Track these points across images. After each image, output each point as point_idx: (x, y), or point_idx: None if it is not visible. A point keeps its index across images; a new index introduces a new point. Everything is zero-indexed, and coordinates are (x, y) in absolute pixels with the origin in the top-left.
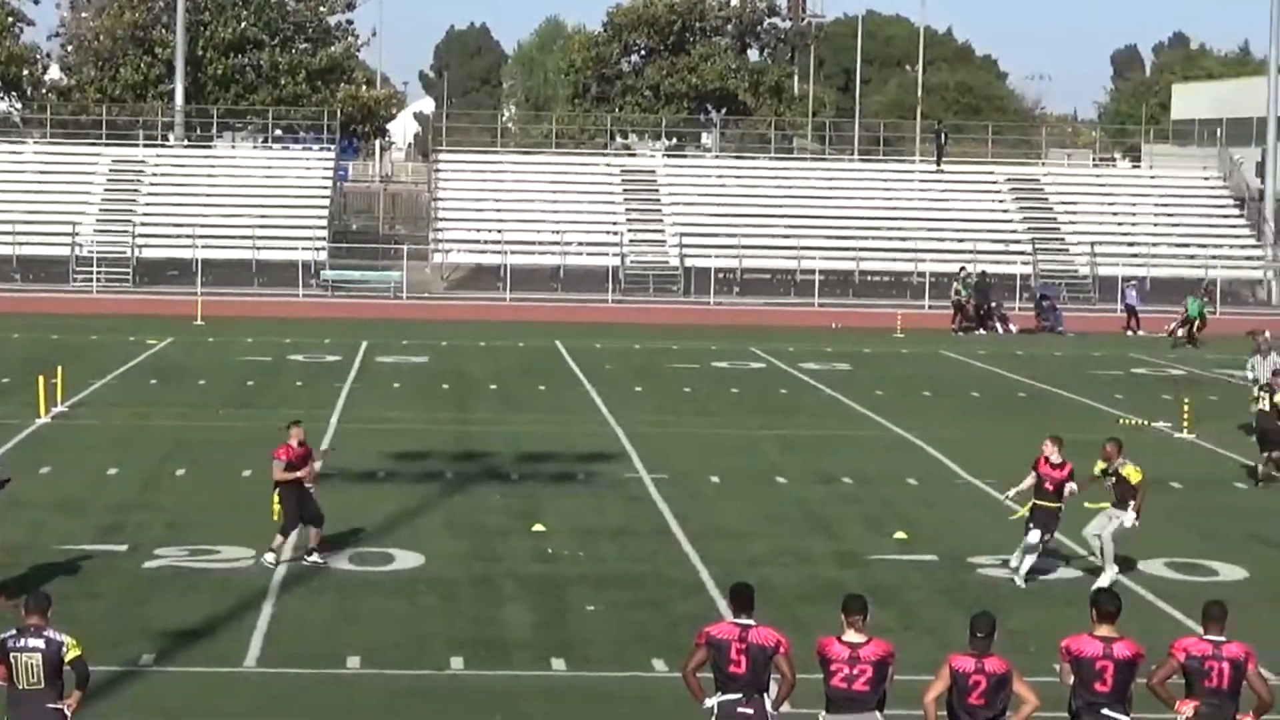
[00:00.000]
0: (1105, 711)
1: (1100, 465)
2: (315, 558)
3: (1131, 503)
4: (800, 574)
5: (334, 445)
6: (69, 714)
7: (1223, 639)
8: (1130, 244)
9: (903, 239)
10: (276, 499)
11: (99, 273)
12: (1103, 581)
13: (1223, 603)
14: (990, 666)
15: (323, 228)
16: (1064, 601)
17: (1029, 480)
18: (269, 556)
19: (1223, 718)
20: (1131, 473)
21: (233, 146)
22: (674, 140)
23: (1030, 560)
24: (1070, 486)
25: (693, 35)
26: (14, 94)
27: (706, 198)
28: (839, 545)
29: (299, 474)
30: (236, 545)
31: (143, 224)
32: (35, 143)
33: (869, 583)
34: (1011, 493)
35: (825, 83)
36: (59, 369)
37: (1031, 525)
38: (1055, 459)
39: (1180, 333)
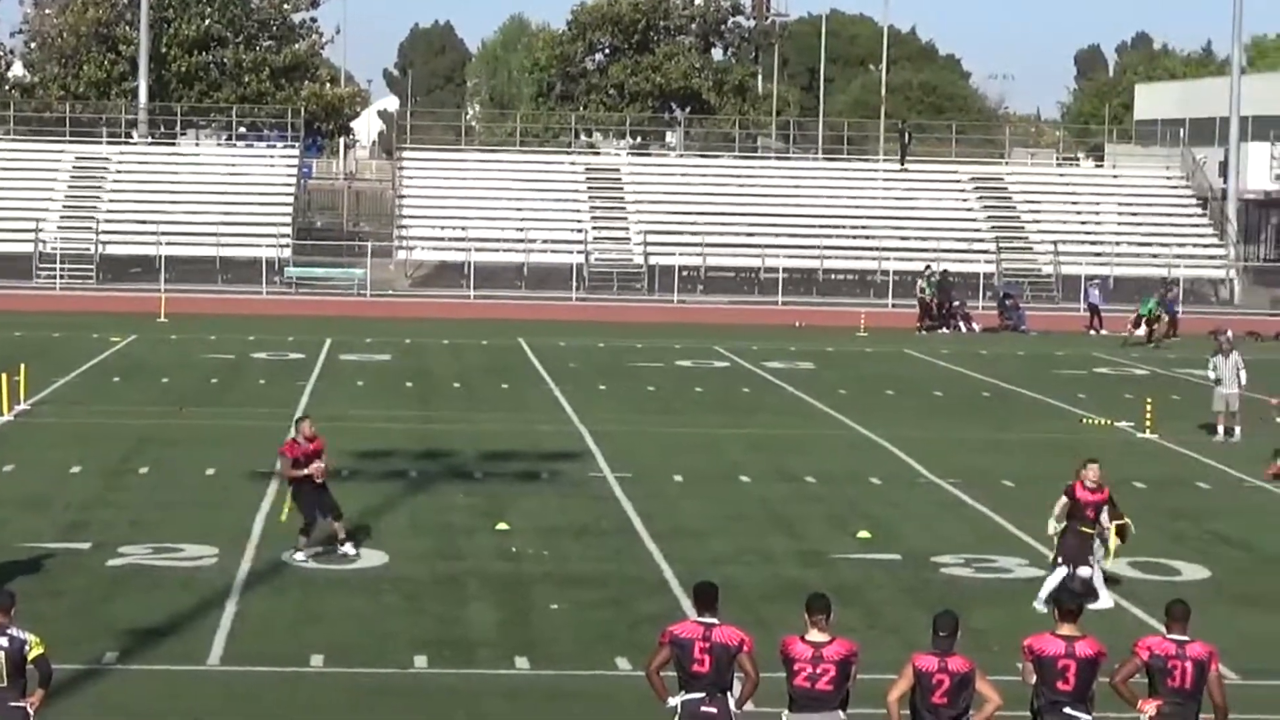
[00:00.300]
0: (1067, 710)
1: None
2: (348, 548)
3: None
4: (763, 573)
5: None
6: (31, 712)
7: (1186, 638)
8: (1093, 243)
9: (866, 238)
10: (289, 497)
11: (62, 270)
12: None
13: (1185, 602)
14: (953, 665)
15: (286, 225)
16: (1027, 600)
17: (1060, 505)
18: (298, 555)
19: (1185, 717)
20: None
21: (196, 144)
22: (638, 139)
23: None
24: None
25: (657, 34)
26: None
27: (670, 196)
28: (802, 544)
29: (307, 471)
30: (200, 543)
31: (106, 221)
32: None
33: (832, 582)
34: (1052, 527)
35: (789, 82)
36: (21, 366)
37: (1060, 558)
38: (1092, 482)
39: (1139, 331)
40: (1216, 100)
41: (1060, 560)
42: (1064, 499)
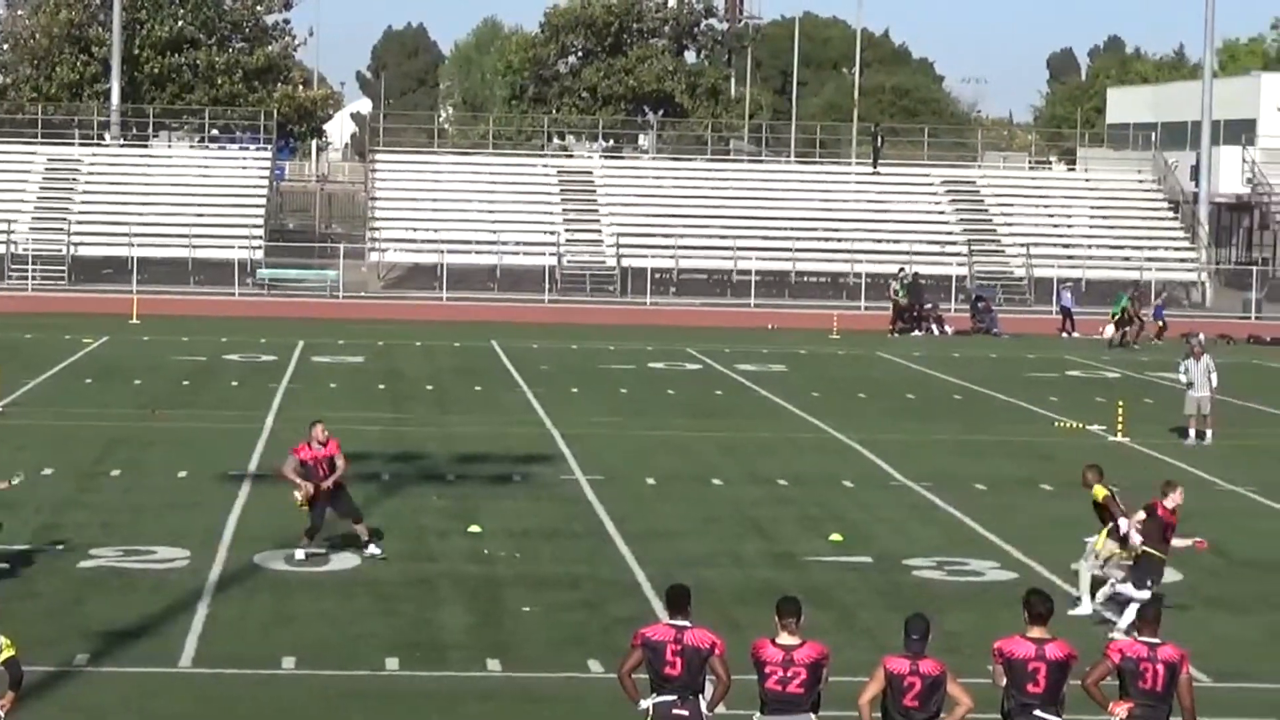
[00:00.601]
0: (1038, 713)
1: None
2: (372, 549)
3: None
4: (736, 575)
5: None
6: (2, 715)
7: (1158, 641)
8: (1065, 246)
9: (839, 240)
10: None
11: (34, 271)
12: (1083, 610)
13: (1158, 604)
14: (925, 668)
15: (259, 227)
16: (999, 603)
17: (1137, 519)
18: (298, 554)
19: (1155, 719)
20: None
21: (169, 146)
22: (611, 141)
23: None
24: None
25: (630, 37)
26: None
27: (643, 199)
28: (774, 547)
29: (317, 484)
30: (172, 546)
31: (78, 222)
32: None
33: (804, 584)
34: (1136, 539)
35: (762, 85)
36: None
37: (1133, 579)
38: (1174, 503)
39: (1109, 332)
40: (1188, 104)
41: (1147, 583)
42: (1142, 514)
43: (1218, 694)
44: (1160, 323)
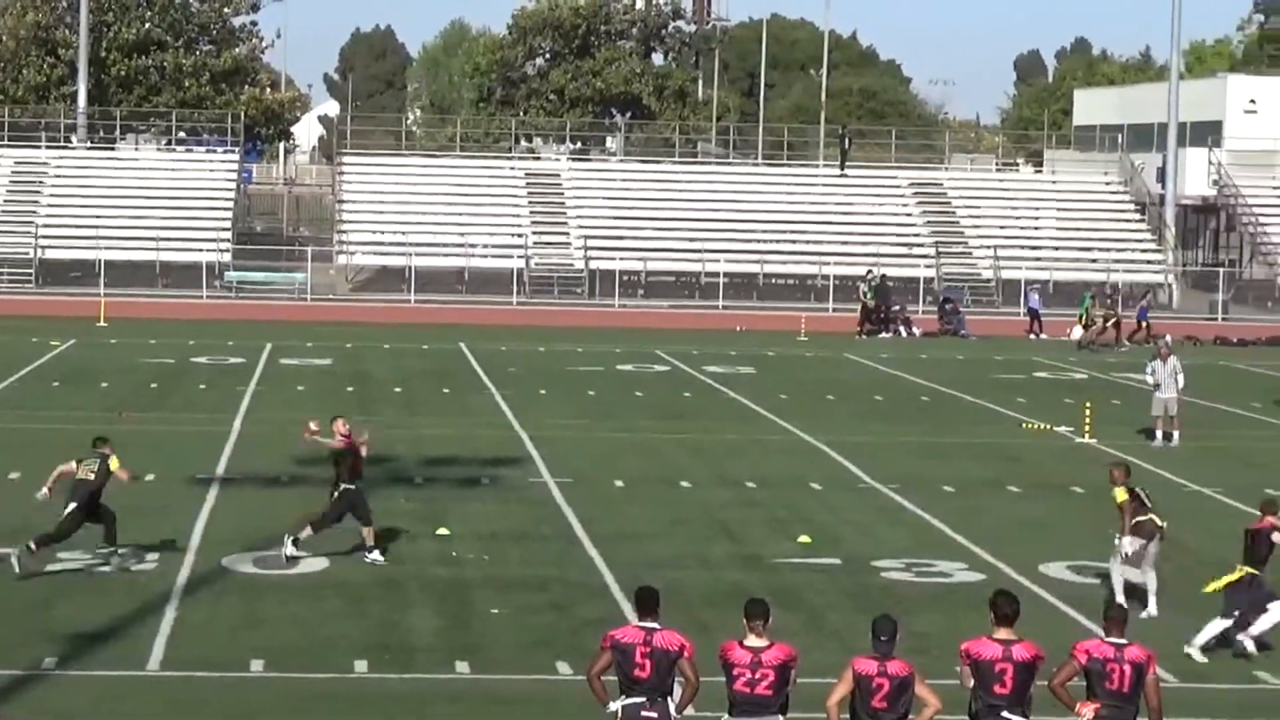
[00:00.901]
0: (1005, 714)
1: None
2: (375, 555)
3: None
4: (704, 577)
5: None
6: None
7: (1124, 641)
8: (1033, 248)
9: (806, 242)
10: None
11: (1, 274)
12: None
13: (1124, 605)
14: (893, 669)
15: (227, 230)
16: (966, 605)
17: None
18: (289, 549)
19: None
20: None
21: (136, 148)
22: (578, 144)
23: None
24: None
25: (597, 39)
26: None
27: (611, 201)
28: (743, 549)
29: (358, 443)
30: (140, 549)
31: (45, 225)
32: None
33: (773, 586)
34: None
35: (730, 87)
36: None
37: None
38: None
39: (1077, 332)
40: (1155, 106)
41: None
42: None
43: (1184, 694)
44: (1144, 324)
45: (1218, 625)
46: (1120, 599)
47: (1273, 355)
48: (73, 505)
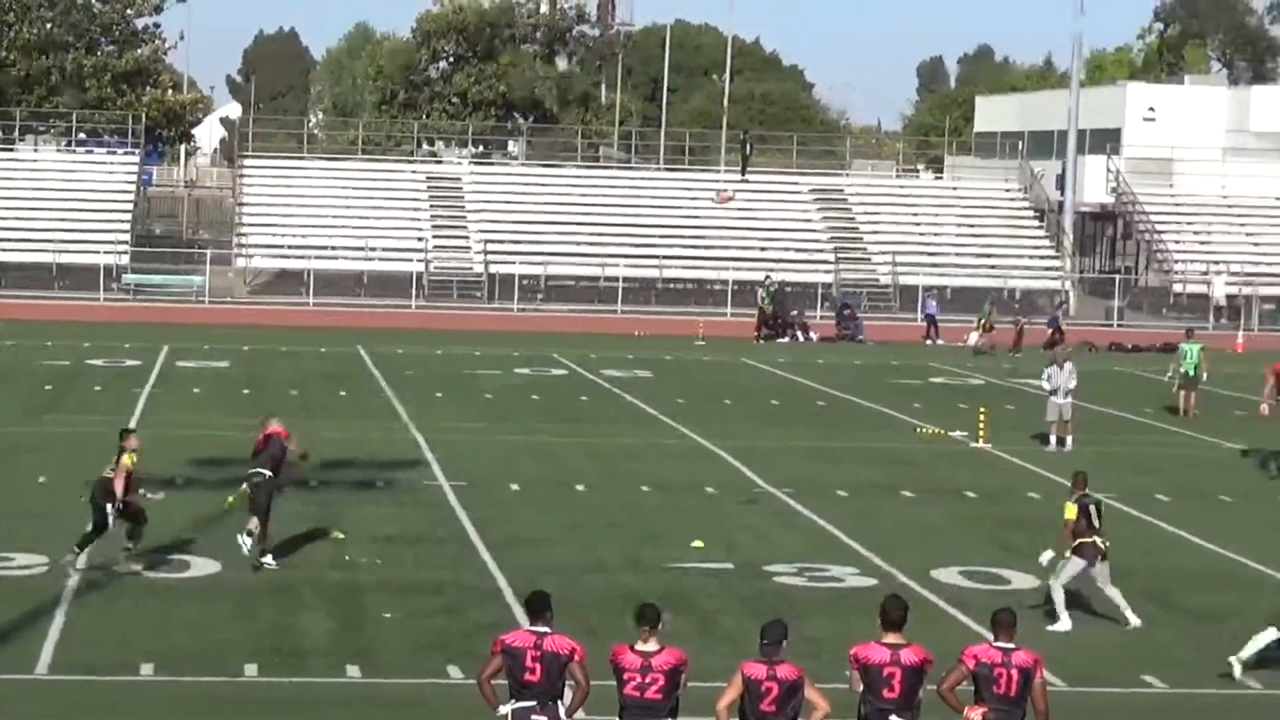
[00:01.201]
0: (893, 718)
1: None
2: (268, 558)
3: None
4: (598, 582)
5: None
6: None
7: (1012, 646)
8: (931, 254)
9: (706, 247)
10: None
11: None
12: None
13: (1012, 610)
14: (782, 673)
15: (125, 232)
16: (858, 610)
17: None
18: (245, 538)
19: None
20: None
21: (35, 150)
22: (480, 148)
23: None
24: None
25: (502, 42)
26: None
27: (512, 205)
28: (637, 553)
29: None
30: (30, 552)
31: None
32: None
33: (667, 590)
34: (1046, 557)
35: (633, 92)
36: None
37: None
38: None
39: (974, 338)
40: (1055, 113)
41: None
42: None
43: (1070, 698)
44: (1057, 331)
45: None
46: (1063, 616)
47: (1166, 361)
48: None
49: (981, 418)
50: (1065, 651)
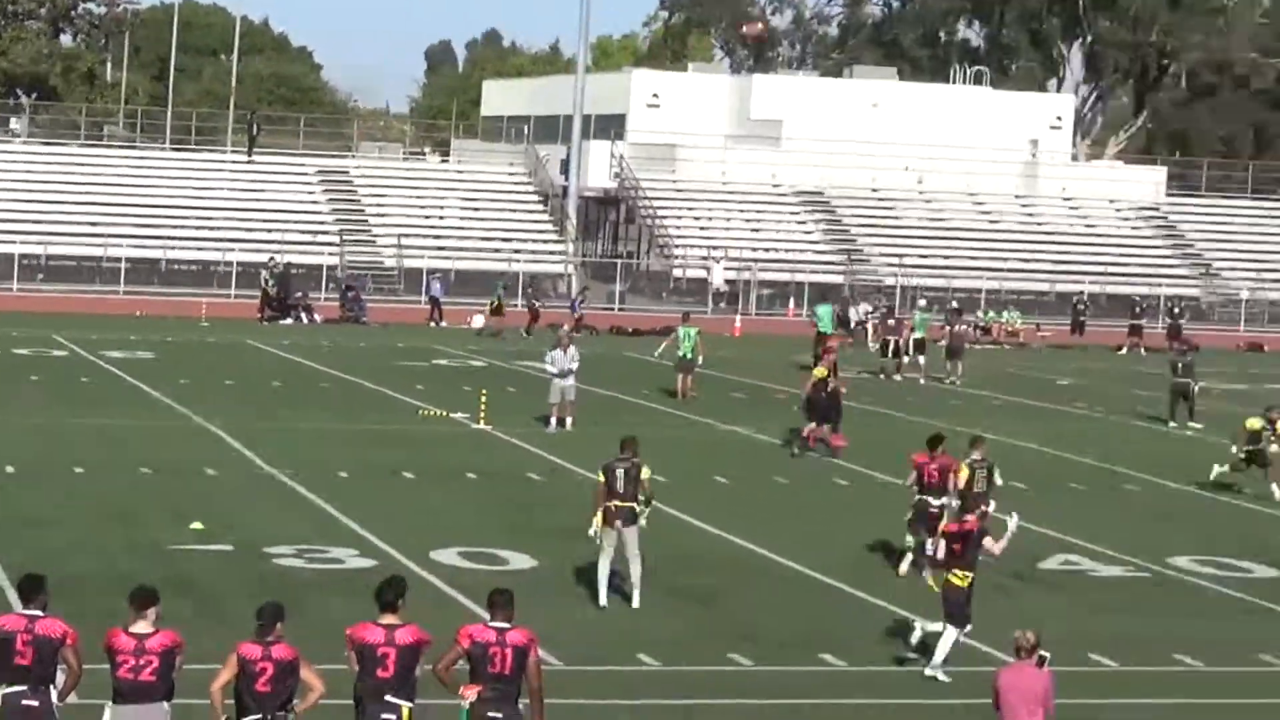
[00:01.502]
0: (388, 698)
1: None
2: None
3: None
4: (98, 565)
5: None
6: None
7: (507, 626)
8: (437, 237)
9: (212, 228)
10: None
11: None
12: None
13: (508, 590)
14: (277, 654)
15: None
16: (358, 590)
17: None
18: None
19: (505, 701)
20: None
21: None
22: None
23: None
24: None
25: (5, 18)
26: None
27: (14, 184)
28: (138, 535)
29: None
30: None
31: None
32: None
33: (167, 573)
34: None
35: (140, 70)
36: None
37: None
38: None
39: (477, 321)
40: (562, 98)
41: None
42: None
43: (569, 677)
44: (578, 315)
45: None
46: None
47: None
48: None
49: (483, 399)
50: (563, 630)
